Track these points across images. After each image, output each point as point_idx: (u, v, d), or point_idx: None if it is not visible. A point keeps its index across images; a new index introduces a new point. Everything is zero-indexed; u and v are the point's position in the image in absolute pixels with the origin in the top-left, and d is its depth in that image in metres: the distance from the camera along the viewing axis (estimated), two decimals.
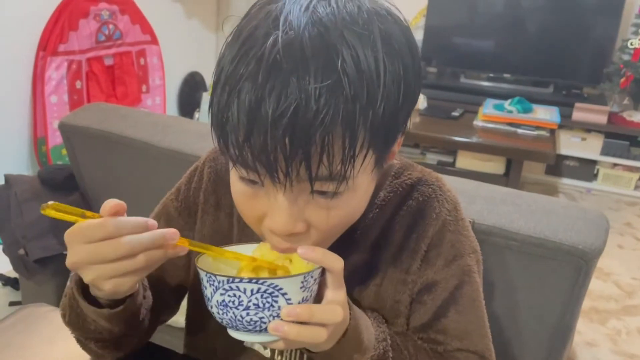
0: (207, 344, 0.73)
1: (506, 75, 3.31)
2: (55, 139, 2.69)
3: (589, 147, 3.15)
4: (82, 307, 0.57)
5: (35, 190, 1.53)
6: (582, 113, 3.04)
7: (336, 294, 0.52)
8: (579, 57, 3.17)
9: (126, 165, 1.43)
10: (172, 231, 0.49)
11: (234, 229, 0.69)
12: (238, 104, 0.46)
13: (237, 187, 0.54)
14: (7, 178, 1.56)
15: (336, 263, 0.51)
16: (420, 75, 0.54)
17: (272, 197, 0.51)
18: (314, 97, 0.44)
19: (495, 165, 2.87)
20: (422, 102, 3.04)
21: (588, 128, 3.10)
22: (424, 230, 0.65)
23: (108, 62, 2.94)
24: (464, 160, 2.92)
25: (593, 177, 3.26)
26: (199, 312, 0.71)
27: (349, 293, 0.64)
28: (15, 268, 1.56)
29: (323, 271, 0.53)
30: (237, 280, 0.48)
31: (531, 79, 3.28)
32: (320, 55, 0.45)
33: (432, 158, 3.04)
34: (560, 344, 1.02)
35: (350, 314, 0.54)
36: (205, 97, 3.52)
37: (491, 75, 3.35)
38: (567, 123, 3.03)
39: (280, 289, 0.48)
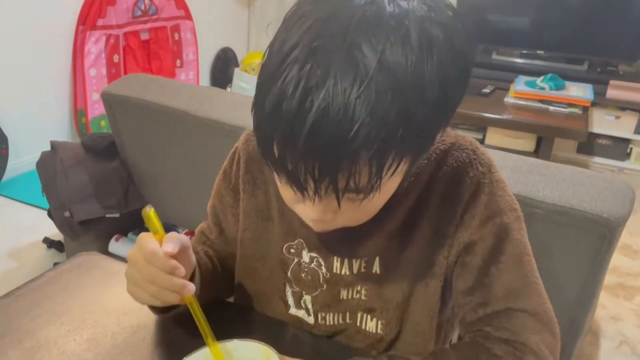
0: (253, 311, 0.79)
1: (539, 52, 3.25)
2: (94, 111, 2.77)
3: (622, 126, 3.09)
4: None
5: (79, 157, 1.61)
6: (617, 91, 2.98)
7: None
8: (615, 34, 3.09)
9: (164, 133, 1.49)
10: (190, 287, 0.58)
11: (273, 205, 0.73)
12: (275, 125, 0.47)
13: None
14: (53, 144, 1.64)
15: None
16: (467, 79, 0.53)
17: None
18: (347, 128, 0.45)
19: (525, 143, 2.85)
20: None
21: (622, 106, 3.03)
22: (459, 196, 0.65)
23: (144, 36, 3.01)
24: (494, 137, 2.90)
25: (626, 156, 3.21)
26: (245, 287, 0.78)
27: (388, 258, 0.69)
28: (61, 229, 1.65)
29: None
30: None
31: (565, 55, 3.21)
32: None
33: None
34: (582, 312, 1.04)
35: None
36: (237, 73, 3.56)
37: (524, 51, 3.29)
38: (601, 101, 2.97)
39: None
